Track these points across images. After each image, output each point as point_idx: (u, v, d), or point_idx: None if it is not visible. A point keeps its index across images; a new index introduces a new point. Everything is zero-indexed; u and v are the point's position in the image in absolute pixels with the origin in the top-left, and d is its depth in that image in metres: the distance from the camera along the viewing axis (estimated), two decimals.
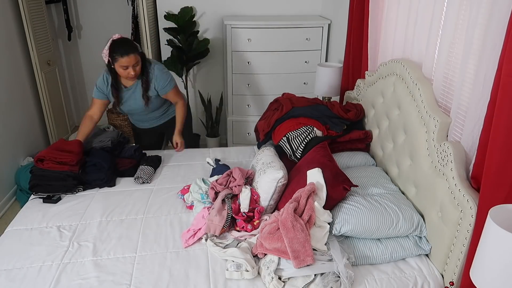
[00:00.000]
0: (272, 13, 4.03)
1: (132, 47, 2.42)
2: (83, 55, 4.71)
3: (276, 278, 1.65)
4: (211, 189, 2.24)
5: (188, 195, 2.27)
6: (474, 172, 1.64)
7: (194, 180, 2.34)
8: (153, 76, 2.59)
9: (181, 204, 2.27)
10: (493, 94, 1.43)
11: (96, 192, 2.39)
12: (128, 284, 1.70)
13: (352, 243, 1.87)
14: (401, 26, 2.29)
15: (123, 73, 2.47)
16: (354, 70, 2.90)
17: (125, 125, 4.65)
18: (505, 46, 1.34)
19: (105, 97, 2.65)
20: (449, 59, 1.89)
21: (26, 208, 2.24)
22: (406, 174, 2.10)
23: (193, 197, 2.22)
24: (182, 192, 2.33)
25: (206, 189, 2.25)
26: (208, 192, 2.25)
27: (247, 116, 4.03)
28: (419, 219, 1.88)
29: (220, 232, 1.95)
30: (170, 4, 3.88)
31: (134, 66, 2.44)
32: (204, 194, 2.22)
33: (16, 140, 3.43)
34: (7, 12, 3.37)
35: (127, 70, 2.44)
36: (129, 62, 2.40)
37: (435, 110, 1.91)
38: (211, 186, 2.26)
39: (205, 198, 2.19)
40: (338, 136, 2.51)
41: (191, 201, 2.23)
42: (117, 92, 2.62)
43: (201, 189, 2.25)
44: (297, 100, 2.71)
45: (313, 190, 1.90)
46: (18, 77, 3.52)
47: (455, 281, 1.67)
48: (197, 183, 2.30)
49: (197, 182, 2.30)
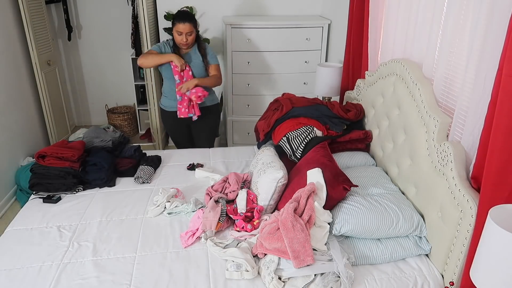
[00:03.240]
0: (272, 13, 4.03)
1: (190, 18, 2.79)
2: (83, 55, 4.72)
3: (276, 278, 1.65)
4: (206, 195, 2.24)
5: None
6: (474, 172, 1.64)
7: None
8: (206, 48, 2.98)
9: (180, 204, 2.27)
10: (494, 94, 1.42)
11: (96, 192, 2.39)
12: (128, 284, 1.70)
13: (352, 243, 1.87)
14: (401, 26, 2.29)
15: (178, 38, 2.81)
16: (354, 70, 2.90)
17: (125, 125, 4.66)
18: (505, 46, 1.34)
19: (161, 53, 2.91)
20: (449, 59, 1.88)
21: (26, 208, 2.24)
22: (406, 174, 2.10)
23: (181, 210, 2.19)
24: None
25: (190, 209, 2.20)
26: (204, 198, 2.25)
27: (247, 116, 4.03)
28: (419, 219, 1.88)
29: (217, 227, 1.95)
30: (170, 4, 3.88)
31: (187, 34, 2.78)
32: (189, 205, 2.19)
33: (16, 140, 3.43)
34: (7, 12, 3.37)
35: (181, 36, 2.79)
36: (184, 29, 2.76)
37: (435, 110, 1.91)
38: (206, 193, 2.27)
39: (190, 208, 2.17)
40: (338, 136, 2.51)
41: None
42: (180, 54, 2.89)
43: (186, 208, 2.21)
44: (297, 100, 2.71)
45: (313, 190, 1.90)
46: (18, 77, 3.52)
47: (455, 281, 1.67)
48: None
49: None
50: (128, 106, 4.91)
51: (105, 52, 4.70)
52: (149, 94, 3.99)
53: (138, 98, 4.64)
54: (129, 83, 4.71)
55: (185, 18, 2.77)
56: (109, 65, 4.77)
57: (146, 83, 4.16)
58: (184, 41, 2.81)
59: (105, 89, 4.89)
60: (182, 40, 2.81)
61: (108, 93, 4.90)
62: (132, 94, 4.69)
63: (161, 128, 4.16)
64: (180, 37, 2.81)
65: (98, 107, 4.95)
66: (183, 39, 2.80)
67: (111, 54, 4.71)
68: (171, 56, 2.80)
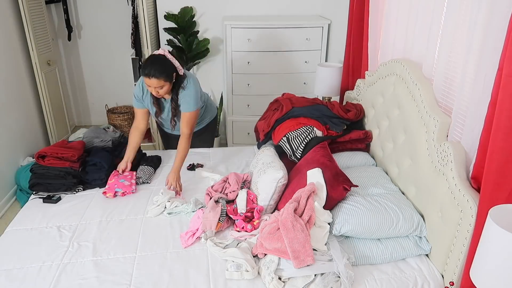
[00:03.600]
0: (272, 13, 4.03)
1: (158, 71, 2.25)
2: (83, 55, 4.71)
3: (276, 278, 1.65)
4: (206, 195, 2.24)
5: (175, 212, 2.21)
6: (474, 172, 1.64)
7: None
8: (181, 97, 2.46)
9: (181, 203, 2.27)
10: (494, 94, 1.42)
11: (96, 192, 2.39)
12: (128, 284, 1.69)
13: (352, 243, 1.87)
14: (401, 26, 2.29)
15: (149, 89, 2.36)
16: (354, 70, 2.90)
17: (125, 125, 4.66)
18: (505, 46, 1.34)
19: (143, 106, 2.57)
20: (449, 59, 1.88)
21: (26, 208, 2.24)
22: (406, 174, 2.10)
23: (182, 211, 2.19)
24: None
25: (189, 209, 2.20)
26: (204, 198, 2.25)
27: (247, 116, 4.03)
28: (419, 219, 1.88)
29: (216, 227, 1.95)
30: (170, 4, 3.88)
31: (156, 88, 2.31)
32: (189, 205, 2.19)
33: (16, 140, 3.43)
34: (7, 12, 3.37)
35: (151, 88, 2.33)
36: (151, 84, 2.28)
37: (435, 110, 1.91)
38: (207, 193, 2.27)
39: (190, 208, 2.17)
40: (338, 136, 2.52)
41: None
42: (157, 101, 2.52)
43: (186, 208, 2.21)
44: (297, 100, 2.71)
45: (313, 190, 1.90)
46: (18, 77, 3.52)
47: (455, 281, 1.67)
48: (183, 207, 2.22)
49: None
50: (128, 106, 4.91)
51: (105, 52, 4.70)
52: None
53: None
54: (129, 83, 4.71)
55: (151, 73, 2.24)
56: (109, 65, 4.77)
57: None
58: (156, 94, 2.35)
59: (105, 89, 4.89)
60: (153, 92, 2.35)
61: (108, 93, 4.90)
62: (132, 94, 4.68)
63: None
64: (150, 89, 2.35)
65: (98, 107, 4.95)
66: (154, 93, 2.34)
67: (111, 54, 4.71)
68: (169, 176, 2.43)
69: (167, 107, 2.57)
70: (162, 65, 2.29)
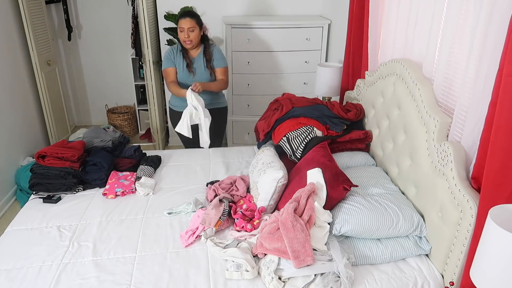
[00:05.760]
0: (272, 13, 4.03)
1: (192, 14, 2.77)
2: (83, 55, 4.72)
3: (276, 278, 1.65)
4: (212, 191, 2.24)
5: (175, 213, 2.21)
6: (474, 172, 1.63)
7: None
8: (212, 50, 2.91)
9: (181, 204, 2.26)
10: (494, 94, 1.42)
11: (96, 192, 2.39)
12: (128, 284, 1.70)
13: (352, 243, 1.87)
14: (401, 26, 2.29)
15: (181, 36, 2.79)
16: (354, 70, 2.89)
17: (125, 125, 4.66)
18: (506, 46, 1.34)
19: (174, 64, 2.87)
20: (449, 59, 1.88)
21: (26, 208, 2.24)
22: (406, 174, 2.10)
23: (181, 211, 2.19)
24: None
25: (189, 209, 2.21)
26: (207, 194, 2.25)
27: (247, 116, 4.03)
28: (419, 219, 1.88)
29: (216, 224, 1.95)
30: (170, 4, 3.88)
31: (189, 30, 2.75)
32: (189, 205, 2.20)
33: (16, 140, 3.43)
34: (7, 12, 3.37)
35: (183, 33, 2.75)
36: (185, 24, 2.74)
37: (435, 110, 1.90)
38: (213, 188, 2.26)
39: (190, 208, 2.18)
40: (338, 136, 2.51)
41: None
42: (188, 57, 2.87)
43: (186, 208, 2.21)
44: (297, 100, 2.71)
45: (313, 190, 1.90)
46: (18, 77, 3.52)
47: (455, 281, 1.67)
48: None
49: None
50: (128, 106, 4.92)
51: (105, 52, 4.70)
52: (149, 94, 4.00)
53: (138, 98, 4.64)
54: (129, 83, 4.71)
55: (187, 14, 2.76)
56: (109, 65, 4.77)
57: (146, 83, 4.16)
58: (186, 37, 2.76)
59: (105, 89, 4.89)
60: (185, 36, 2.77)
61: (108, 93, 4.90)
62: (132, 94, 4.69)
63: (161, 128, 4.16)
64: (182, 34, 2.77)
65: (98, 107, 4.95)
66: (185, 36, 2.76)
67: (111, 54, 4.71)
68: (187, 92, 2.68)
69: (194, 66, 2.87)
70: (194, 12, 2.85)
